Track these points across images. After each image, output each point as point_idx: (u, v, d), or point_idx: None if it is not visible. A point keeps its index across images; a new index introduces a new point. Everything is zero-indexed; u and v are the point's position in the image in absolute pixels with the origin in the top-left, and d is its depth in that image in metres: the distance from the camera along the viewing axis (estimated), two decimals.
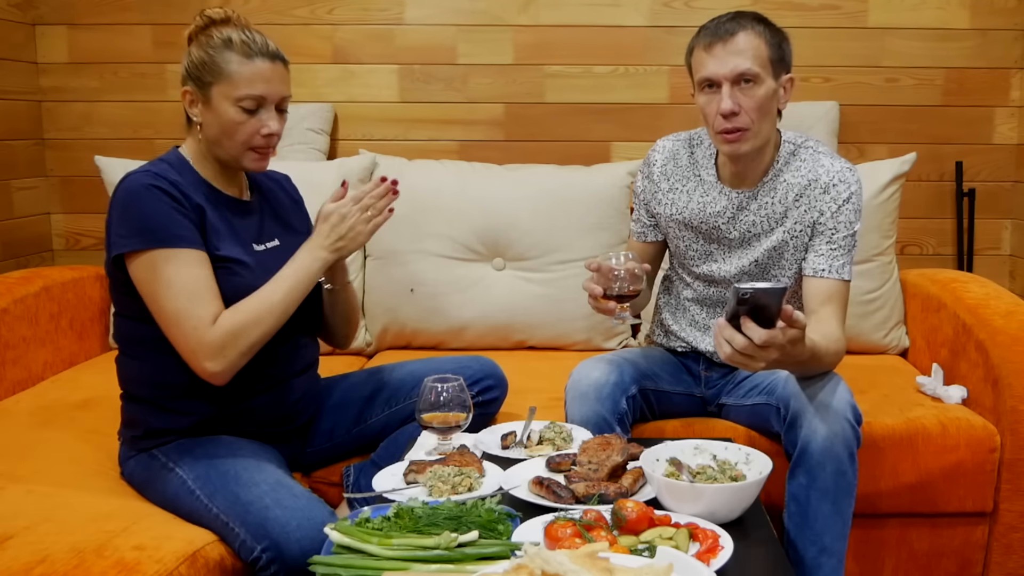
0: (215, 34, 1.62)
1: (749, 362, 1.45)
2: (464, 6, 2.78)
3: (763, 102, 1.75)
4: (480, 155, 2.77)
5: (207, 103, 1.62)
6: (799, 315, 1.45)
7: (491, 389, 1.91)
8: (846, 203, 1.81)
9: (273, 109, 1.63)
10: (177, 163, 1.66)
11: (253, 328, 1.57)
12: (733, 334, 1.43)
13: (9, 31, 2.68)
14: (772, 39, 1.76)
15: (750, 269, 1.90)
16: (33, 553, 1.35)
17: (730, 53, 1.72)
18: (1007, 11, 2.77)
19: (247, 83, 1.59)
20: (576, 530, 1.24)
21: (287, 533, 1.43)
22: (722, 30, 1.73)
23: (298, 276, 1.64)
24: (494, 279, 2.54)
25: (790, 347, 1.46)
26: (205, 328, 1.54)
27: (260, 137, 1.63)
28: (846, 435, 1.64)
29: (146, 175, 1.58)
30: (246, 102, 1.60)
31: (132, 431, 1.69)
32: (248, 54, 1.60)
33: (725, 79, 1.72)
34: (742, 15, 1.76)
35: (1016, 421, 1.96)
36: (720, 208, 1.88)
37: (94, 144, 2.80)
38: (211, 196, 1.66)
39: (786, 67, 1.79)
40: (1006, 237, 2.89)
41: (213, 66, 1.61)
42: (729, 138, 1.76)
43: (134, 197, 1.56)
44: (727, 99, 1.72)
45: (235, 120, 1.61)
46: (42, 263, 2.83)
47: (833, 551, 1.66)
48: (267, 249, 1.72)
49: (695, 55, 1.78)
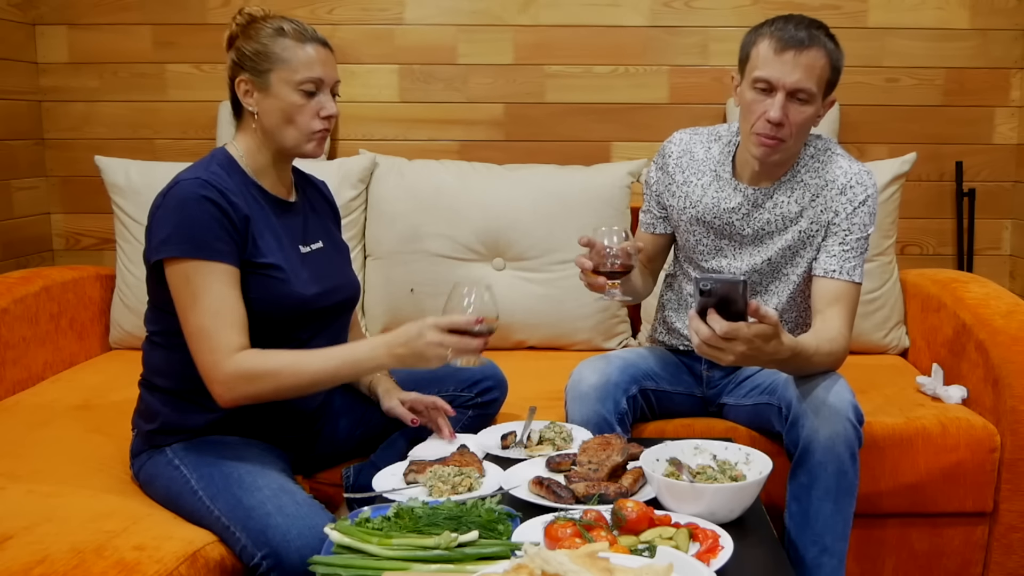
0: (263, 27, 1.64)
1: (717, 354, 1.50)
2: (464, 6, 2.78)
3: (808, 120, 1.75)
4: (480, 155, 2.77)
5: (265, 91, 1.63)
6: (768, 311, 1.47)
7: (491, 390, 1.91)
8: (862, 205, 1.81)
9: (329, 92, 1.66)
10: (227, 164, 1.65)
11: (270, 380, 1.54)
12: (700, 325, 1.48)
13: (9, 31, 2.68)
14: (835, 62, 1.75)
15: (762, 267, 1.89)
16: (33, 553, 1.35)
17: (799, 65, 1.70)
18: (1007, 11, 2.77)
19: (306, 67, 1.62)
20: (576, 530, 1.24)
21: (287, 541, 1.43)
22: (798, 38, 1.70)
23: (344, 363, 1.58)
24: (494, 279, 2.54)
25: (759, 342, 1.48)
26: (223, 356, 1.53)
27: (320, 120, 1.64)
28: (847, 435, 1.64)
29: (198, 183, 1.55)
30: (306, 85, 1.62)
31: (148, 424, 1.67)
32: (301, 39, 1.63)
33: (784, 88, 1.70)
34: (817, 27, 1.74)
35: (1016, 421, 1.96)
36: (735, 204, 1.88)
37: (94, 144, 2.80)
38: (259, 198, 1.66)
39: (833, 88, 1.79)
40: (1006, 237, 2.89)
41: (270, 54, 1.62)
42: (766, 143, 1.75)
43: (183, 204, 1.55)
44: (778, 108, 1.71)
45: (297, 103, 1.62)
46: (42, 263, 2.83)
47: (834, 551, 1.66)
48: (312, 251, 1.72)
49: (760, 49, 1.73)
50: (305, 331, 1.67)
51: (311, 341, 1.67)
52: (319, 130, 1.65)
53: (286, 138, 1.64)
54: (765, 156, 1.78)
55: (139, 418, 1.71)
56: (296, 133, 1.64)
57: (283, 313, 1.61)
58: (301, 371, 1.56)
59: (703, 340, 1.48)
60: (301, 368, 1.56)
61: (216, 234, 1.54)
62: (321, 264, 1.71)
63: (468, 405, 1.88)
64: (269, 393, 1.56)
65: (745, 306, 1.45)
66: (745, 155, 1.85)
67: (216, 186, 1.56)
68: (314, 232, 1.76)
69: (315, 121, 1.64)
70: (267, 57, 1.62)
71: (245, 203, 1.60)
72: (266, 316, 1.60)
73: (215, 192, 1.55)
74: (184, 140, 2.81)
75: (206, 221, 1.54)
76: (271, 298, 1.60)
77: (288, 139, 1.64)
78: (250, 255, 1.58)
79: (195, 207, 1.54)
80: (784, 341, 1.54)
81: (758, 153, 1.78)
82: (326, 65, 1.64)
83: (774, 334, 1.50)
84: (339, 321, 1.78)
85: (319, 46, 1.64)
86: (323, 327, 1.71)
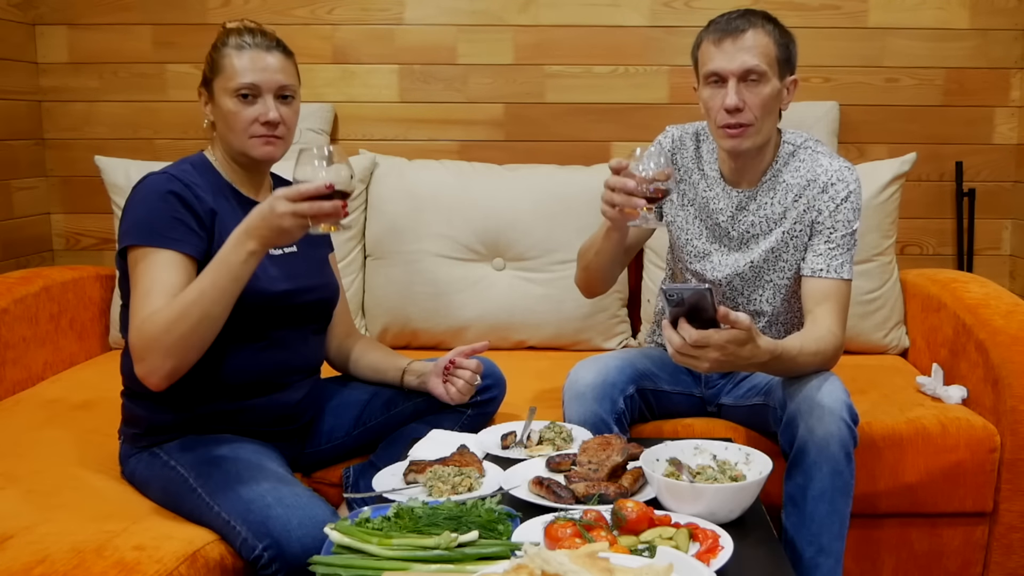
0: (220, 38, 1.69)
1: (692, 362, 1.52)
2: (464, 6, 2.78)
3: (767, 100, 1.75)
4: (480, 155, 2.77)
5: (213, 99, 1.68)
6: (738, 316, 1.48)
7: (489, 389, 1.91)
8: (844, 202, 1.81)
9: (270, 97, 1.66)
10: (200, 164, 1.70)
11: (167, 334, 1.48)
12: (671, 334, 1.51)
13: (9, 31, 2.68)
14: (780, 39, 1.77)
15: (744, 271, 1.90)
16: (33, 553, 1.35)
17: (739, 49, 1.73)
18: (1007, 11, 2.77)
19: (239, 73, 1.64)
20: (576, 530, 1.24)
21: (288, 531, 1.43)
22: (732, 26, 1.74)
23: (216, 271, 1.50)
24: (494, 279, 2.54)
25: (733, 347, 1.50)
26: (133, 330, 1.53)
27: (259, 125, 1.66)
28: (842, 435, 1.64)
29: (163, 177, 1.62)
30: (242, 91, 1.64)
31: (133, 428, 1.69)
32: (240, 47, 1.66)
33: (732, 74, 1.73)
34: (752, 13, 1.77)
35: (1016, 421, 1.96)
36: (722, 205, 1.89)
37: (94, 144, 2.80)
38: (232, 198, 1.69)
39: (791, 68, 1.81)
40: (1006, 237, 2.89)
41: (214, 63, 1.68)
42: (731, 133, 1.76)
43: (145, 197, 1.60)
44: (732, 94, 1.73)
45: (233, 111, 1.65)
46: (42, 263, 2.83)
47: (831, 551, 1.66)
48: (284, 254, 1.73)
49: (703, 48, 1.79)
50: (278, 330, 1.69)
51: (284, 340, 1.70)
52: (259, 135, 1.66)
53: (232, 144, 1.68)
54: (735, 146, 1.79)
55: (124, 424, 1.73)
56: (237, 139, 1.67)
57: (247, 309, 1.59)
58: (188, 309, 1.48)
59: (676, 349, 1.51)
60: (186, 306, 1.48)
61: (171, 224, 1.57)
62: (294, 265, 1.73)
63: (467, 404, 1.88)
64: (179, 352, 1.49)
65: (715, 313, 1.46)
66: (724, 156, 1.87)
67: (182, 180, 1.61)
68: None
69: (254, 126, 1.65)
70: (211, 67, 1.68)
71: (213, 199, 1.64)
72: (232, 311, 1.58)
73: (180, 185, 1.60)
74: (184, 140, 2.81)
75: (163, 211, 1.57)
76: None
77: (234, 144, 1.68)
78: (216, 249, 1.58)
79: (156, 199, 1.58)
80: (761, 345, 1.54)
81: (728, 145, 1.80)
82: (264, 71, 1.65)
83: (748, 338, 1.51)
84: (315, 322, 1.80)
85: (262, 51, 1.66)
86: (296, 326, 1.73)
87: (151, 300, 1.53)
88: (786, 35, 1.79)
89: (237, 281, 1.50)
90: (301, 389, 1.77)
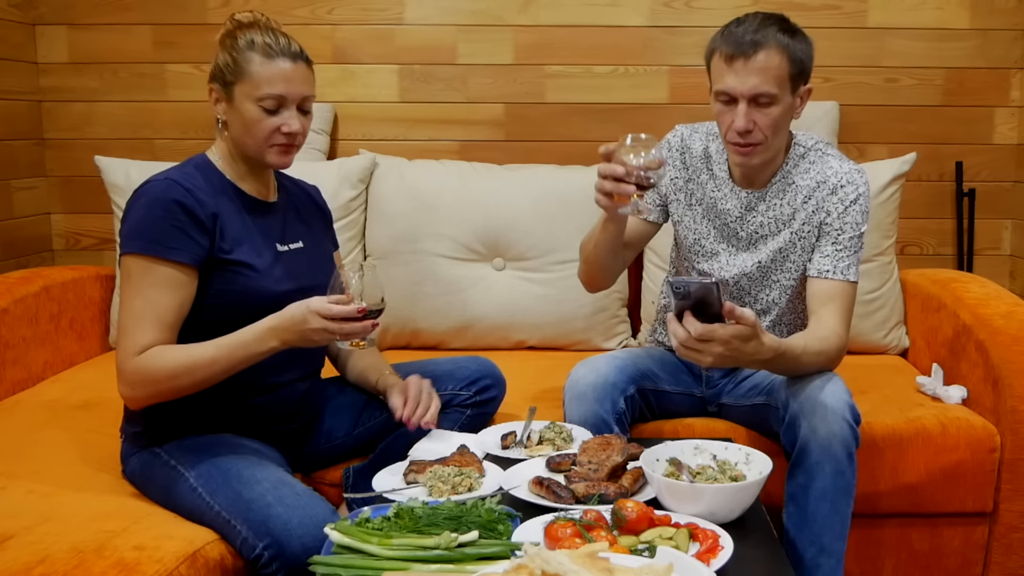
0: (240, 37, 1.65)
1: (695, 355, 1.52)
2: (464, 6, 2.78)
3: (778, 120, 1.74)
4: (480, 155, 2.77)
5: (230, 102, 1.65)
6: (744, 312, 1.48)
7: (489, 388, 1.91)
8: (853, 204, 1.81)
9: (294, 108, 1.65)
10: (202, 166, 1.69)
11: (168, 382, 1.56)
12: (676, 327, 1.51)
13: (9, 31, 2.68)
14: (795, 55, 1.72)
15: (751, 271, 1.90)
16: (33, 553, 1.35)
17: (751, 72, 1.69)
18: (1007, 11, 2.77)
19: (267, 83, 1.62)
20: (576, 530, 1.24)
21: (289, 530, 1.43)
22: (745, 44, 1.69)
23: (235, 352, 1.56)
24: (494, 279, 2.54)
25: (737, 343, 1.50)
26: (127, 357, 1.55)
27: (281, 135, 1.65)
28: (844, 435, 1.64)
29: (165, 184, 1.60)
30: (267, 102, 1.62)
31: (134, 427, 1.69)
32: (269, 55, 1.63)
33: (742, 96, 1.70)
34: (767, 24, 1.71)
35: (1016, 421, 1.96)
36: (731, 206, 1.89)
37: (94, 144, 2.80)
38: (234, 198, 1.68)
39: (805, 79, 1.77)
40: (1006, 237, 2.89)
41: (237, 66, 1.63)
42: (741, 151, 1.76)
43: (145, 204, 1.59)
44: (742, 117, 1.71)
45: (256, 119, 1.63)
46: (42, 263, 2.83)
47: (832, 551, 1.66)
48: (291, 250, 1.73)
49: (714, 63, 1.75)
50: None
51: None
52: (279, 144, 1.65)
53: (247, 148, 1.67)
54: (745, 162, 1.80)
55: (125, 423, 1.73)
56: (255, 145, 1.66)
57: (251, 308, 1.60)
58: (195, 368, 1.55)
59: (680, 342, 1.51)
60: (195, 365, 1.55)
61: (171, 232, 1.57)
62: (299, 263, 1.73)
63: (467, 404, 1.88)
64: (169, 393, 1.58)
65: (721, 307, 1.47)
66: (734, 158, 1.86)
67: (183, 185, 1.60)
68: (293, 232, 1.77)
69: (276, 136, 1.65)
70: (234, 70, 1.64)
71: (215, 201, 1.63)
72: (233, 310, 1.61)
73: (181, 191, 1.59)
74: (184, 140, 2.81)
75: (164, 219, 1.57)
76: (238, 292, 1.62)
77: (249, 149, 1.67)
78: (218, 251, 1.61)
79: (156, 206, 1.58)
80: (765, 342, 1.54)
81: (737, 160, 1.81)
82: (291, 82, 1.64)
83: (752, 335, 1.51)
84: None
85: (289, 61, 1.64)
86: None
87: (144, 327, 1.55)
88: (802, 44, 1.74)
89: (250, 362, 1.58)
90: (301, 389, 1.77)
